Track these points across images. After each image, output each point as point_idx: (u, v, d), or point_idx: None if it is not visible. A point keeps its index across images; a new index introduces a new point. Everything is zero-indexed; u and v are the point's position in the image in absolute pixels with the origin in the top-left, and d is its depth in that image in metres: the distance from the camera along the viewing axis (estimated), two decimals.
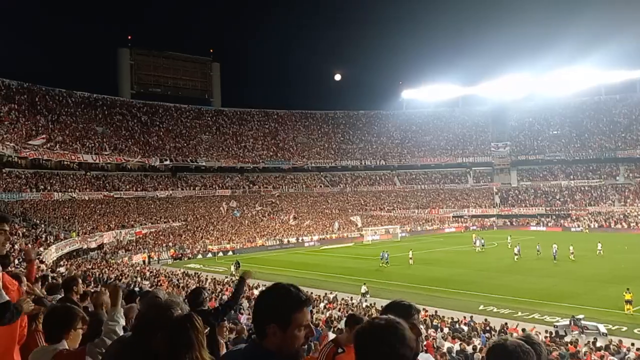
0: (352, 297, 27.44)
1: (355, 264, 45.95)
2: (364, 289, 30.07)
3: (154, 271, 38.93)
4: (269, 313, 2.21)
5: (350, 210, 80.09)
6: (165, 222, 64.52)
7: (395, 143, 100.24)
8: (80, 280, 6.02)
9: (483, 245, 53.03)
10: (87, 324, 3.90)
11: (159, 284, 29.61)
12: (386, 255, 43.49)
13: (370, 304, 25.06)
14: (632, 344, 18.02)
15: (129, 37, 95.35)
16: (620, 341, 18.34)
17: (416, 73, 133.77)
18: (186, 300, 5.71)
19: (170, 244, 57.60)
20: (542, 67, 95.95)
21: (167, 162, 77.89)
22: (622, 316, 24.24)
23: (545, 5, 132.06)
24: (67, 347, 3.64)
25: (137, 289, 18.95)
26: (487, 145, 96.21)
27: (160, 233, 60.89)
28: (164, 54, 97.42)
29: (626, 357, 16.05)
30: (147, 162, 75.96)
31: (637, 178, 79.50)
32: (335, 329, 16.23)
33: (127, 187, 71.73)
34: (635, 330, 21.86)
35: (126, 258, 50.27)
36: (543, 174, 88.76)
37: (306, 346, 2.40)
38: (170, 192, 74.83)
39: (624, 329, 22.12)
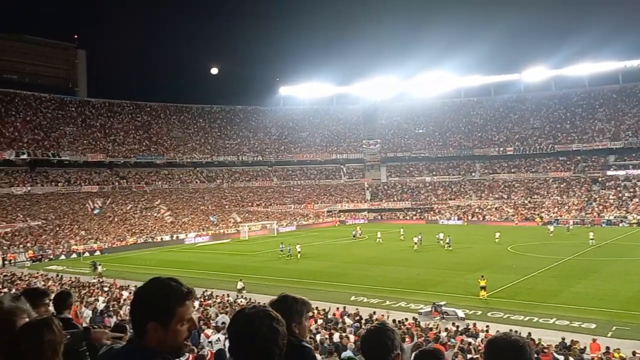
0: (228, 294, 27.23)
1: (232, 260, 45.64)
2: (240, 285, 30.00)
3: (10, 275, 35.66)
4: (149, 310, 2.09)
5: (227, 206, 79.23)
6: (22, 221, 59.22)
7: (272, 139, 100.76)
8: None
9: (357, 235, 56.12)
10: None
11: (16, 288, 27.17)
12: (289, 249, 44.89)
13: (247, 300, 25.05)
14: (487, 326, 19.86)
15: None
16: (475, 324, 20.13)
17: (294, 70, 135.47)
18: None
19: (29, 244, 53.03)
20: (409, 71, 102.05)
21: (25, 156, 71.32)
22: (477, 301, 26.60)
23: (411, 13, 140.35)
24: None
25: None
26: (360, 142, 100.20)
27: (16, 233, 55.81)
28: (22, 38, 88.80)
29: (479, 338, 17.63)
30: (0, 155, 68.93)
31: (491, 174, 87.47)
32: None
33: None
34: (489, 314, 24.11)
35: None
36: (409, 170, 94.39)
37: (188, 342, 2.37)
38: (29, 188, 68.72)
39: (479, 312, 24.30)
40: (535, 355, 14.13)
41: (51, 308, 4.63)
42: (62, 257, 51.79)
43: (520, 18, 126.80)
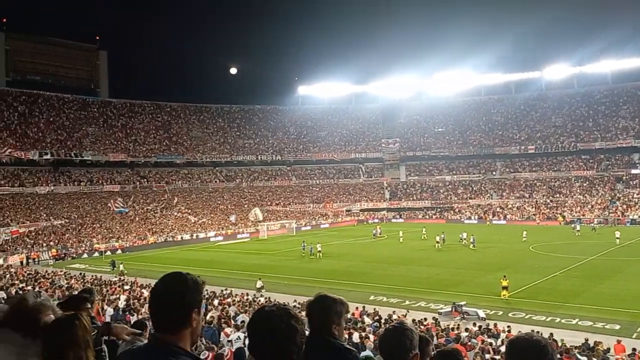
0: (247, 293, 27.33)
1: (252, 259, 45.82)
2: (259, 284, 30.12)
3: (33, 273, 36.27)
4: (194, 299, 2.21)
5: (246, 206, 79.61)
6: (46, 220, 60.22)
7: (291, 138, 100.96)
8: None
9: (378, 234, 56.22)
10: None
11: (40, 286, 27.62)
12: (311, 248, 45.02)
13: (267, 299, 25.11)
14: (508, 327, 19.63)
15: (4, 20, 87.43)
16: (496, 325, 19.91)
17: (312, 70, 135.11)
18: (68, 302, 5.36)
19: (52, 243, 53.91)
20: (428, 69, 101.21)
21: (48, 156, 72.49)
22: (498, 301, 26.32)
23: (429, 11, 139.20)
24: None
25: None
26: (378, 141, 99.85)
27: (40, 232, 56.79)
28: (44, 40, 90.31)
29: (500, 339, 17.43)
30: (24, 155, 70.14)
31: (512, 173, 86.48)
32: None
33: (2, 182, 65.98)
34: (510, 314, 23.84)
35: (1, 259, 46.35)
36: (429, 169, 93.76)
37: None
38: (52, 187, 69.84)
39: (500, 313, 24.05)
40: (558, 356, 13.91)
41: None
42: (85, 255, 52.54)
43: (542, 14, 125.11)
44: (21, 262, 47.24)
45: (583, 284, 30.09)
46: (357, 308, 22.98)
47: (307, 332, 2.31)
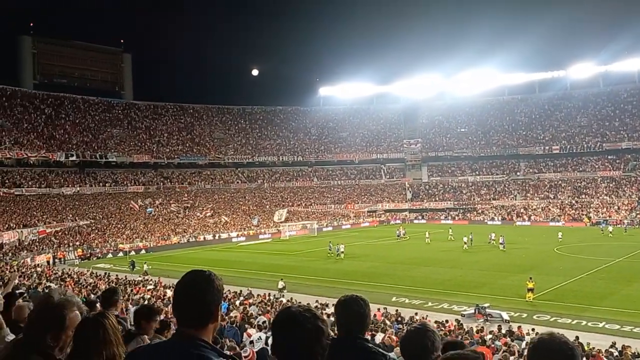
0: (269, 293, 27.41)
1: (273, 260, 45.94)
2: (281, 284, 30.15)
3: (60, 272, 36.91)
4: (217, 296, 2.26)
5: (268, 206, 79.91)
6: (72, 221, 61.22)
7: (312, 139, 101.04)
8: None
9: (401, 235, 56.00)
10: None
11: (66, 285, 28.10)
12: (337, 248, 44.88)
13: (288, 300, 25.17)
14: (533, 329, 19.34)
15: (31, 24, 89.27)
16: (520, 327, 19.63)
17: (333, 70, 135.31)
18: (98, 300, 5.55)
19: (78, 243, 54.80)
20: (450, 69, 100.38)
21: (74, 158, 73.75)
22: (523, 303, 25.94)
23: (452, 10, 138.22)
24: None
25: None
26: (400, 141, 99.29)
27: (66, 232, 57.76)
28: (70, 43, 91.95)
29: (525, 341, 17.16)
30: (51, 157, 71.49)
31: (536, 173, 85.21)
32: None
33: (30, 183, 67.32)
34: (535, 316, 23.48)
35: (28, 259, 47.27)
36: (451, 170, 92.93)
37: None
38: (78, 188, 70.99)
39: (524, 315, 23.70)
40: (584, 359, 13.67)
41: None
42: (109, 255, 53.30)
43: (566, 12, 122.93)
44: (48, 262, 48.10)
45: (610, 286, 29.50)
46: (378, 309, 22.86)
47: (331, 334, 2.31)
